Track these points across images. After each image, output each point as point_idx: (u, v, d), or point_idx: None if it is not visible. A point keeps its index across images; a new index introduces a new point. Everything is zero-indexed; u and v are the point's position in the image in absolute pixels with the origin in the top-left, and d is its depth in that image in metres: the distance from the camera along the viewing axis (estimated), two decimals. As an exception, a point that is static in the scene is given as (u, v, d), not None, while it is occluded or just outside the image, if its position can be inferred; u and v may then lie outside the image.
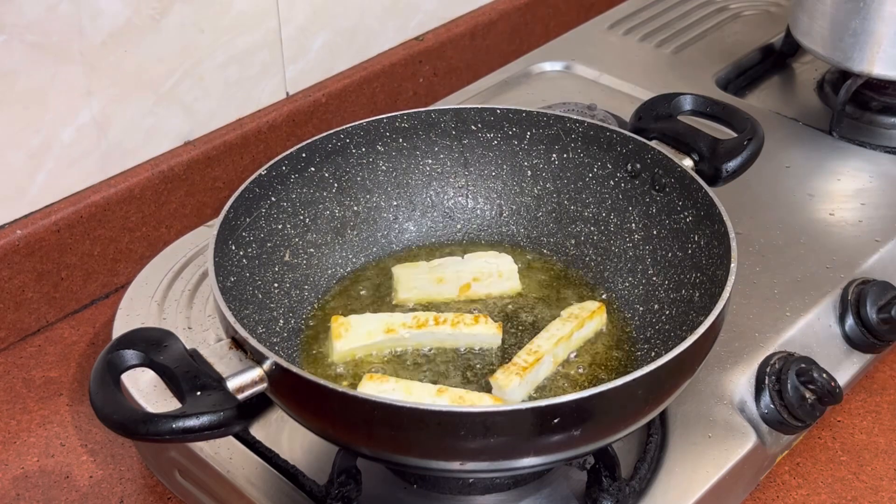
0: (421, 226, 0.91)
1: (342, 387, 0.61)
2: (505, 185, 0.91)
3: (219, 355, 0.66)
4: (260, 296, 0.80)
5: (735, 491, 0.79)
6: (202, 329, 0.89)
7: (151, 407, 0.81)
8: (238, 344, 0.66)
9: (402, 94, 1.25)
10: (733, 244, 0.72)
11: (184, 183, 1.06)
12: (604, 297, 0.85)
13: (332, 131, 0.85)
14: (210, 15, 1.03)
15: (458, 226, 0.92)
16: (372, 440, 0.64)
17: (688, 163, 0.83)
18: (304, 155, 0.84)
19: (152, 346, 0.66)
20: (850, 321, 0.88)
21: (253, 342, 0.65)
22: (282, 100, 1.14)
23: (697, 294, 0.77)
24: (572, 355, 0.80)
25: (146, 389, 0.83)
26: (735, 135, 0.84)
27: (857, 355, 0.89)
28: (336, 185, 0.87)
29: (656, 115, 0.87)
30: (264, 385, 0.64)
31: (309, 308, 0.84)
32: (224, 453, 0.78)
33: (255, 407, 0.65)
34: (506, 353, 0.80)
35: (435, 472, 0.73)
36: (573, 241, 0.89)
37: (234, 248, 0.78)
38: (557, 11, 1.40)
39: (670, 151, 0.83)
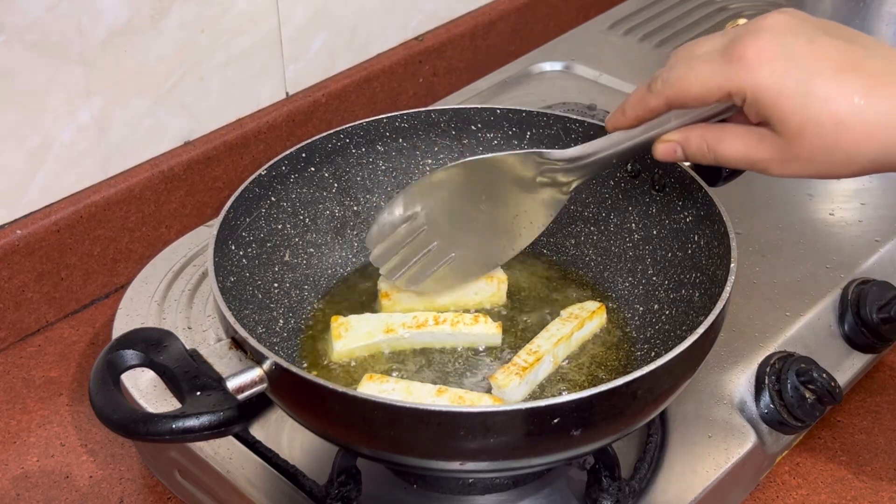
0: (421, 226, 0.91)
1: (342, 387, 0.61)
2: (505, 185, 0.91)
3: (219, 355, 0.66)
4: (260, 296, 0.80)
5: (735, 491, 0.79)
6: (202, 329, 0.89)
7: (151, 407, 0.81)
8: (238, 344, 0.66)
9: (402, 94, 1.25)
10: (733, 244, 0.72)
11: (184, 183, 1.06)
12: (603, 296, 0.85)
13: (332, 131, 0.85)
14: (210, 15, 1.03)
15: (458, 226, 0.91)
16: (372, 440, 0.64)
17: (688, 163, 0.82)
18: (304, 155, 0.84)
19: (152, 346, 0.66)
20: (850, 321, 0.88)
21: (253, 342, 0.65)
22: (282, 100, 1.14)
23: (697, 294, 0.77)
24: (572, 355, 0.80)
25: (146, 389, 0.83)
26: (735, 135, 0.84)
27: (857, 355, 0.89)
28: (336, 185, 0.87)
29: (656, 115, 0.87)
30: (264, 385, 0.64)
31: (309, 308, 0.84)
32: (224, 453, 0.78)
33: (255, 407, 0.65)
34: (506, 353, 0.80)
35: (435, 472, 0.73)
36: (573, 241, 0.89)
37: (234, 248, 0.78)
38: (557, 11, 1.40)
39: (670, 151, 0.83)
